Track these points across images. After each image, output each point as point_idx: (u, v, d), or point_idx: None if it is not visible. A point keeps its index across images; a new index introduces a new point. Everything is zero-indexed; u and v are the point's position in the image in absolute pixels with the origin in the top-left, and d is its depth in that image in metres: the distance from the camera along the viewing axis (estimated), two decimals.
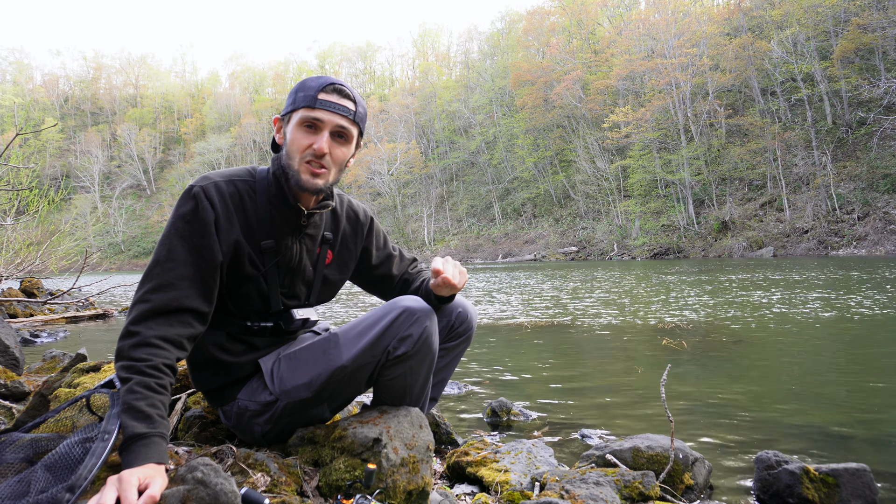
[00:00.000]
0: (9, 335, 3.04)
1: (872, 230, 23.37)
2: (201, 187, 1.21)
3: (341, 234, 1.46)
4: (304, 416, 1.35)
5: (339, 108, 1.23)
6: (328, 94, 1.23)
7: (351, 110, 1.25)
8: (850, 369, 3.08)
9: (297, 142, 1.23)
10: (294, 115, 1.24)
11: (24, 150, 8.50)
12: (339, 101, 1.24)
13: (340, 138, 1.26)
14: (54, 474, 0.92)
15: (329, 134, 1.24)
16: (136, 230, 64.94)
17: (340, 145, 1.27)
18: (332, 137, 1.25)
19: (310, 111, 1.22)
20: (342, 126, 1.24)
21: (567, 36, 48.69)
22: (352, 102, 1.26)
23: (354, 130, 1.28)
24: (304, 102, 1.22)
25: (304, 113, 1.22)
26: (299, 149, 1.23)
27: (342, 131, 1.25)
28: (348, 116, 1.25)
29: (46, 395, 1.66)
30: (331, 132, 1.24)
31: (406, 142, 51.90)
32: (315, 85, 1.23)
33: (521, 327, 5.17)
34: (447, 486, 1.51)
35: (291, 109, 1.24)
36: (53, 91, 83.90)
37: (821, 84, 29.61)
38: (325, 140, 1.23)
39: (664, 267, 18.08)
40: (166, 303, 1.12)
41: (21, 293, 7.74)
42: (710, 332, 4.49)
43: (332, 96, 1.23)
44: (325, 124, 1.23)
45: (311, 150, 1.22)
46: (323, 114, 1.22)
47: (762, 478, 1.51)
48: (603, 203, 37.74)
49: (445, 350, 1.55)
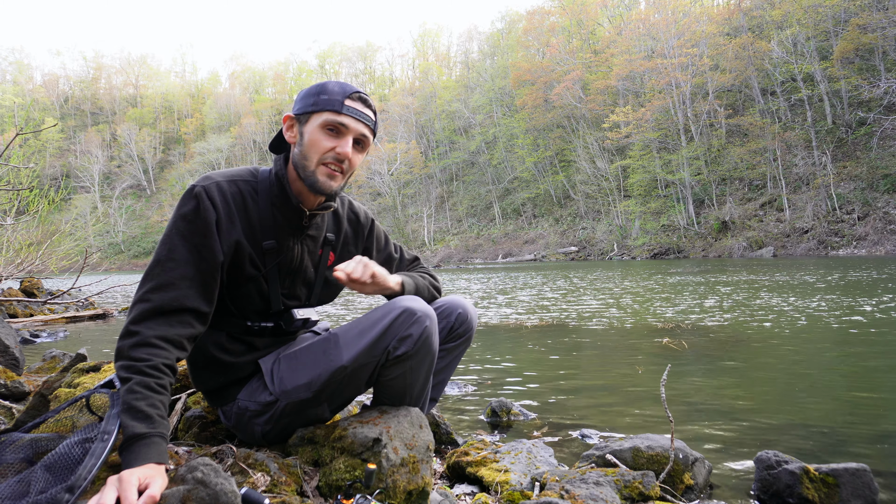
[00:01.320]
0: (9, 335, 3.04)
1: (872, 230, 23.37)
2: (203, 187, 1.21)
3: (343, 236, 1.46)
4: (304, 417, 1.35)
5: (363, 117, 1.26)
6: (354, 102, 1.25)
7: (372, 119, 1.29)
8: (851, 369, 3.08)
9: (319, 143, 1.24)
10: (315, 116, 1.24)
11: (25, 150, 8.49)
12: (364, 110, 1.27)
13: (359, 145, 1.29)
14: (54, 474, 0.92)
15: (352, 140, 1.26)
16: (136, 230, 64.96)
17: (358, 152, 1.29)
18: (353, 145, 1.27)
19: (336, 116, 1.23)
20: (364, 135, 1.27)
21: (567, 36, 48.68)
22: (372, 112, 1.29)
23: (371, 139, 1.31)
24: (330, 106, 1.23)
25: (330, 117, 1.23)
26: (320, 150, 1.24)
27: (363, 139, 1.28)
28: (369, 125, 1.28)
29: (46, 395, 1.66)
30: (353, 139, 1.26)
31: (406, 142, 51.91)
32: (339, 90, 1.25)
33: (521, 327, 5.16)
34: (447, 486, 1.51)
35: (312, 111, 1.25)
36: (53, 91, 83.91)
37: (821, 84, 29.61)
38: (350, 145, 1.25)
39: (664, 267, 18.08)
40: (167, 302, 1.12)
41: (21, 293, 7.74)
42: (711, 332, 4.49)
43: (357, 104, 1.26)
44: (351, 131, 1.25)
45: (335, 153, 1.24)
46: (349, 120, 1.24)
47: (762, 478, 1.51)
48: (603, 203, 37.74)
49: (445, 351, 1.55)
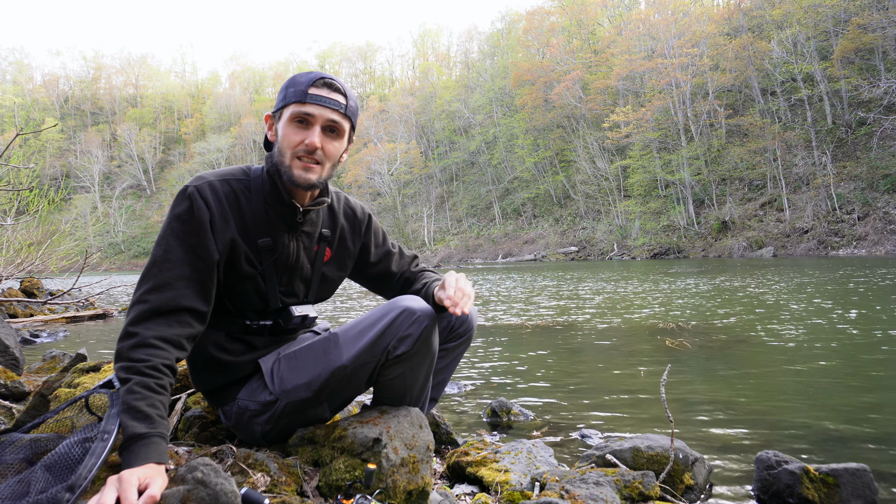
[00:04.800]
0: (9, 335, 3.04)
1: (872, 230, 23.37)
2: (195, 187, 1.21)
3: (339, 232, 1.45)
4: (304, 416, 1.35)
5: (329, 102, 1.23)
6: (318, 89, 1.22)
7: (342, 104, 1.25)
8: (851, 369, 3.08)
9: (289, 137, 1.23)
10: (285, 111, 1.23)
11: (25, 150, 8.49)
12: (330, 95, 1.23)
13: (332, 133, 1.26)
14: (54, 474, 0.92)
15: (321, 128, 1.23)
16: (136, 230, 64.96)
17: (332, 140, 1.26)
18: (324, 132, 1.24)
19: (300, 106, 1.21)
20: (333, 120, 1.24)
21: (567, 36, 48.69)
22: (342, 96, 1.25)
23: (346, 124, 1.27)
24: (295, 98, 1.21)
25: (295, 108, 1.21)
26: (291, 144, 1.22)
27: (334, 125, 1.25)
28: (339, 110, 1.24)
29: (46, 395, 1.66)
30: (322, 127, 1.23)
31: (406, 142, 51.89)
32: (304, 80, 1.22)
33: (521, 327, 5.16)
34: (447, 486, 1.51)
35: (282, 105, 1.24)
36: (53, 91, 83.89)
37: (821, 84, 29.60)
38: (317, 135, 1.22)
39: (664, 267, 18.08)
40: (164, 303, 1.12)
41: (21, 293, 7.74)
42: (711, 332, 4.48)
43: (323, 90, 1.22)
44: (317, 119, 1.22)
45: (304, 145, 1.22)
46: (314, 108, 1.21)
47: (762, 478, 1.51)
48: (603, 203, 37.73)
49: (446, 351, 1.55)
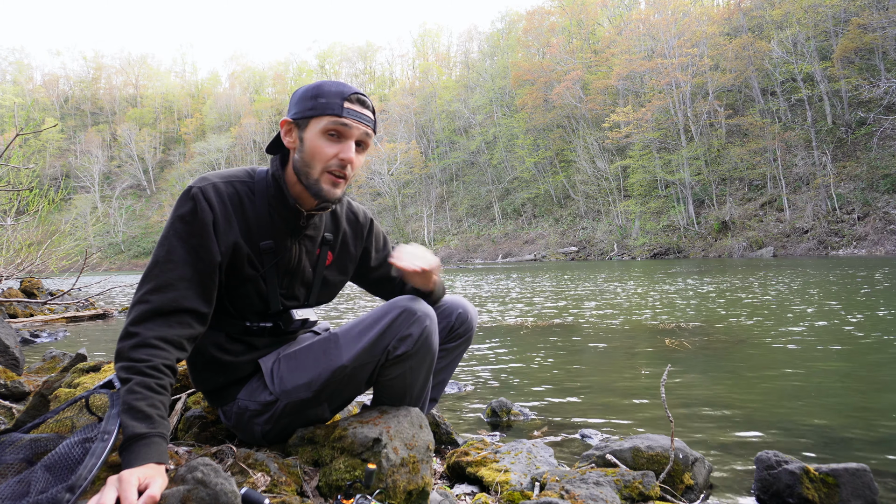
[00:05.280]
0: (9, 335, 3.04)
1: (872, 230, 23.37)
2: (199, 188, 1.21)
3: (341, 236, 1.45)
4: (304, 416, 1.35)
5: (363, 118, 1.23)
6: (352, 105, 1.21)
7: (371, 119, 1.26)
8: (851, 369, 3.08)
9: (322, 150, 1.21)
10: (314, 121, 1.21)
11: (25, 150, 8.49)
12: (362, 111, 1.23)
13: (359, 147, 1.26)
14: (54, 474, 0.92)
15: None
16: (136, 230, 64.98)
17: (360, 154, 1.27)
18: (355, 147, 1.24)
19: (337, 119, 1.20)
20: (366, 134, 1.25)
21: (567, 36, 48.71)
22: (370, 111, 1.26)
23: (372, 139, 1.28)
24: (329, 110, 1.19)
25: (331, 121, 1.20)
26: (324, 158, 1.21)
27: (364, 141, 1.26)
28: (370, 126, 1.25)
29: (46, 395, 1.66)
30: (355, 141, 1.24)
31: (406, 142, 51.89)
32: (336, 92, 1.21)
33: (521, 327, 5.16)
34: (447, 486, 1.51)
35: (311, 115, 1.21)
36: (53, 91, 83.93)
37: (821, 84, 29.61)
38: (353, 150, 1.22)
39: (664, 267, 18.08)
40: (165, 303, 1.12)
41: (21, 293, 7.73)
42: (711, 332, 4.49)
43: (356, 106, 1.22)
44: (352, 135, 1.22)
45: (338, 159, 1.21)
46: (351, 123, 1.21)
47: (762, 478, 1.51)
48: (603, 203, 37.74)
49: (446, 351, 1.55)
